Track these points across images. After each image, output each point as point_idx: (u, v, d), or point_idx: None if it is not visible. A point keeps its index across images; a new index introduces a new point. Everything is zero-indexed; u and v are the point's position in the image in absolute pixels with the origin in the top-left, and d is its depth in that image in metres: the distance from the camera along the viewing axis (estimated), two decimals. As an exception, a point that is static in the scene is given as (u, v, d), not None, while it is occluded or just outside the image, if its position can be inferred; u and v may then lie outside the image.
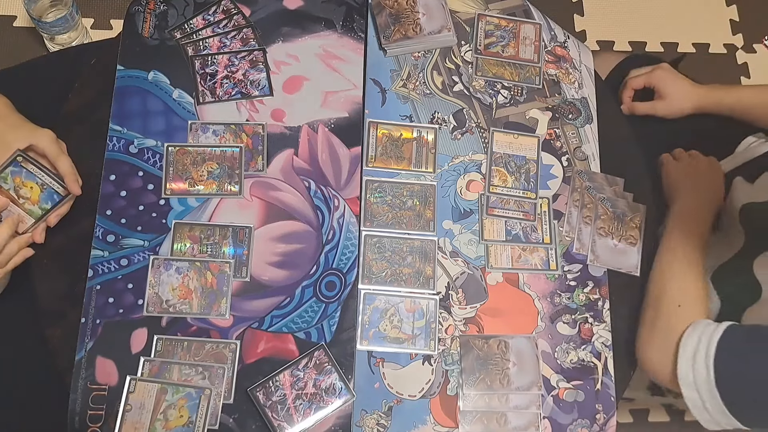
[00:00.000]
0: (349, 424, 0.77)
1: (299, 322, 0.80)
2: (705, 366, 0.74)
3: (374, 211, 0.86)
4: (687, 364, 0.75)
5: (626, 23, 1.81)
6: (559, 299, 0.86)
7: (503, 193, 0.89)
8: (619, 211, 0.90)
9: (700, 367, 0.74)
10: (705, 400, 0.74)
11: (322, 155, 0.87)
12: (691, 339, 0.76)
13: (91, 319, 0.78)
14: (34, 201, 0.79)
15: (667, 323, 0.81)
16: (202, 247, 0.81)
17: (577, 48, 0.99)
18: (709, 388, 0.73)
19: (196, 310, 0.79)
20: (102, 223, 0.82)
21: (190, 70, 0.89)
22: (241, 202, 0.84)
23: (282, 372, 0.77)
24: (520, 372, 0.82)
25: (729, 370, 0.73)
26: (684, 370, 0.75)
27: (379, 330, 0.81)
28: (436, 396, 0.80)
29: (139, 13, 0.92)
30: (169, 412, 0.74)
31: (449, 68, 0.94)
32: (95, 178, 0.84)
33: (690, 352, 0.75)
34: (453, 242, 0.86)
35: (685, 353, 0.76)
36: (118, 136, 0.85)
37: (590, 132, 0.94)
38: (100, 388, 0.76)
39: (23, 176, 0.79)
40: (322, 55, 0.92)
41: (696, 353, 0.75)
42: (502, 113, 0.93)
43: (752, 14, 1.85)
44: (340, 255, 0.83)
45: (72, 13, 1.43)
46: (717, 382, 0.73)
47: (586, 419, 0.82)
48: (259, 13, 0.93)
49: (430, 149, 0.90)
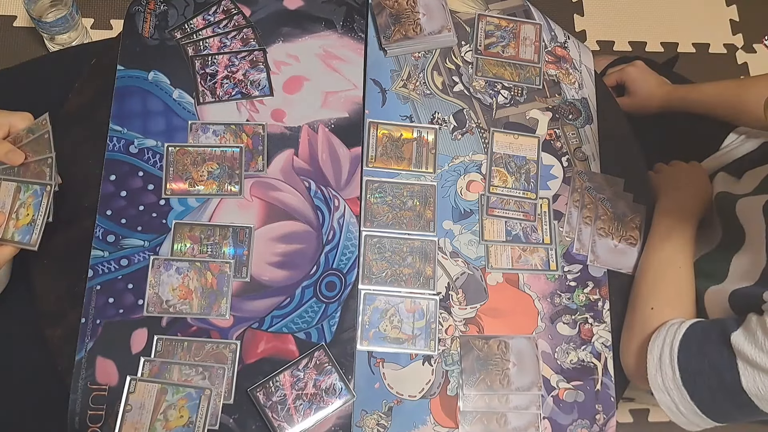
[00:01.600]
0: (349, 424, 0.77)
1: (299, 322, 0.80)
2: (671, 367, 0.74)
3: (374, 212, 0.86)
4: (655, 367, 0.76)
5: (626, 23, 1.81)
6: (559, 299, 0.86)
7: (503, 194, 0.89)
8: (619, 212, 0.90)
9: (667, 368, 0.74)
10: (677, 402, 0.74)
11: (323, 155, 0.87)
12: (657, 342, 0.76)
13: (91, 320, 0.78)
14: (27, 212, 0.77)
15: (641, 327, 0.81)
16: (202, 248, 0.81)
17: (577, 48, 0.99)
18: (677, 389, 0.74)
19: (197, 311, 0.79)
20: (102, 223, 0.82)
21: (191, 70, 0.89)
22: (242, 203, 0.84)
23: (282, 372, 0.78)
24: (520, 372, 0.82)
25: (691, 369, 0.73)
26: (653, 374, 0.76)
27: (379, 330, 0.81)
28: (436, 396, 0.80)
29: (139, 13, 0.92)
30: (169, 412, 0.74)
31: (449, 68, 0.94)
32: (95, 178, 0.84)
33: (656, 355, 0.76)
34: (453, 242, 0.86)
35: (653, 357, 0.76)
36: (118, 137, 0.85)
37: (590, 132, 0.94)
38: (100, 388, 0.76)
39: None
40: (322, 56, 0.92)
41: (662, 355, 0.75)
42: (503, 113, 0.93)
43: (752, 14, 1.86)
44: (340, 255, 0.83)
45: (72, 13, 1.43)
46: (683, 382, 0.73)
47: (586, 419, 0.82)
48: (259, 13, 0.93)
49: (430, 149, 0.90)
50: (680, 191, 0.92)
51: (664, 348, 0.75)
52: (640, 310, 0.83)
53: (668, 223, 0.87)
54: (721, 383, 0.71)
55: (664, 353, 0.75)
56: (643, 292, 0.84)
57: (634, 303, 0.84)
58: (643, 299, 0.83)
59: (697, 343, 0.74)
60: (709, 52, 1.81)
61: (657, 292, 0.83)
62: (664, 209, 0.90)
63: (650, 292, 0.83)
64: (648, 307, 0.82)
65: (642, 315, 0.82)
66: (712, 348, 0.72)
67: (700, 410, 0.73)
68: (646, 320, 0.81)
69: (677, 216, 0.88)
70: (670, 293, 0.82)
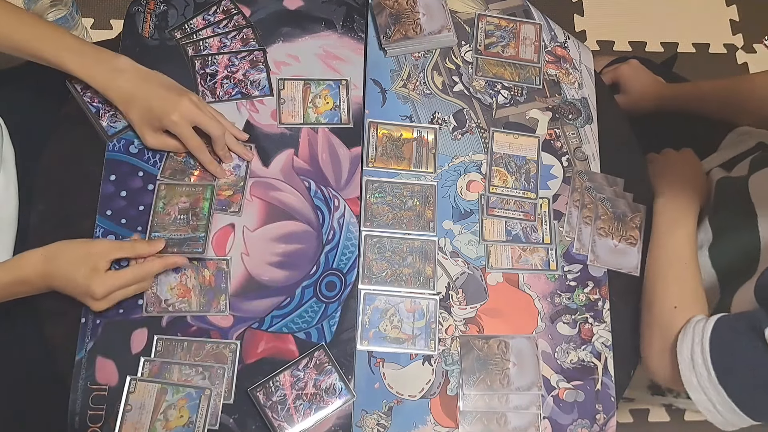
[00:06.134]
0: (349, 424, 0.77)
1: (299, 322, 0.80)
2: (704, 367, 0.73)
3: (374, 212, 0.86)
4: (687, 368, 0.75)
5: (626, 23, 1.81)
6: (559, 299, 0.86)
7: (503, 194, 0.89)
8: (619, 212, 0.90)
9: (700, 368, 0.74)
10: (714, 401, 0.74)
11: (323, 155, 0.87)
12: (685, 342, 0.76)
13: (91, 319, 0.78)
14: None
15: (664, 327, 0.80)
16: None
17: (577, 48, 0.99)
18: (713, 388, 0.73)
19: (196, 308, 0.79)
20: (102, 223, 0.82)
21: (191, 71, 0.89)
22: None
23: (282, 372, 0.78)
24: (520, 372, 0.82)
25: (725, 366, 0.72)
26: (687, 375, 0.75)
27: (379, 330, 0.81)
28: (436, 396, 0.80)
29: (139, 13, 0.92)
30: (169, 412, 0.74)
31: (449, 68, 0.94)
32: (95, 178, 0.84)
33: (687, 356, 0.75)
34: (453, 242, 0.86)
35: (683, 358, 0.75)
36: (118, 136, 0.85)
37: (590, 132, 0.94)
38: (100, 388, 0.76)
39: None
40: (322, 56, 0.92)
41: (693, 355, 0.74)
42: (502, 113, 0.93)
43: (752, 14, 1.86)
44: (340, 255, 0.83)
45: (72, 13, 1.43)
46: (719, 380, 0.72)
47: (586, 419, 0.82)
48: (259, 13, 0.93)
49: (430, 149, 0.90)
50: (676, 182, 0.91)
51: (694, 347, 0.74)
52: (659, 309, 0.81)
53: (671, 217, 0.87)
54: (758, 379, 0.70)
55: (695, 353, 0.74)
56: (659, 290, 0.83)
57: (651, 302, 0.83)
58: (661, 298, 0.82)
59: (728, 340, 0.73)
60: (709, 52, 1.81)
61: (674, 290, 0.82)
62: (664, 203, 0.89)
63: (666, 290, 0.82)
64: (670, 305, 0.80)
65: (663, 314, 0.81)
66: (745, 344, 0.71)
67: (739, 408, 0.72)
68: (669, 319, 0.80)
69: (677, 208, 0.87)
70: (687, 290, 0.81)
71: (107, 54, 0.80)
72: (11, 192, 0.89)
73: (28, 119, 0.93)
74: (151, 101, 0.79)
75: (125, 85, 0.79)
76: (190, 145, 0.81)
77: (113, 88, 0.80)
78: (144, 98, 0.79)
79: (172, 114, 0.79)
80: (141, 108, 0.80)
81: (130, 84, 0.80)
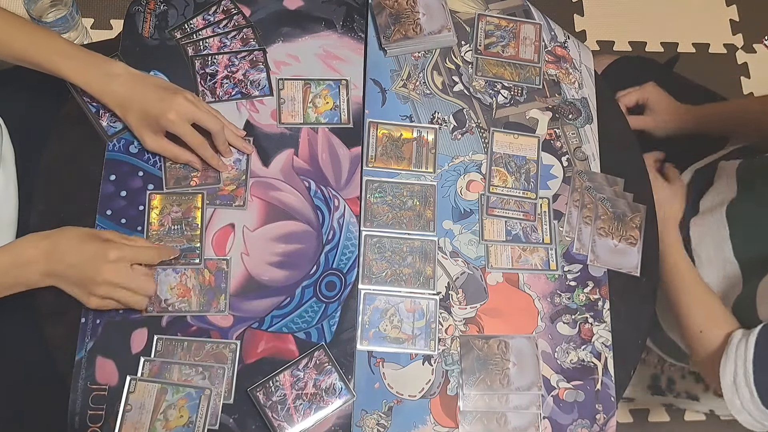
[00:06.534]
0: (349, 424, 0.77)
1: (299, 322, 0.80)
2: (747, 389, 0.76)
3: (374, 211, 0.86)
4: (730, 391, 0.77)
5: (626, 23, 1.81)
6: (559, 299, 0.86)
7: (503, 194, 0.89)
8: (619, 211, 0.90)
9: (743, 391, 0.76)
10: (761, 421, 0.76)
11: (323, 155, 0.87)
12: (728, 367, 0.78)
13: (91, 319, 0.78)
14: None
15: (703, 351, 0.85)
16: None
17: (577, 48, 0.99)
18: (757, 408, 0.75)
19: (195, 308, 0.79)
20: (102, 223, 0.82)
21: (190, 70, 0.89)
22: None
23: (282, 372, 0.77)
24: (520, 372, 0.82)
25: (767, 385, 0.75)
26: (729, 398, 0.77)
27: (379, 330, 0.81)
28: (436, 396, 0.80)
29: (139, 13, 0.92)
30: (169, 412, 0.74)
31: (449, 68, 0.94)
32: (95, 178, 0.84)
33: (729, 379, 0.77)
34: (453, 242, 0.86)
35: (726, 382, 0.78)
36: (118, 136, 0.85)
37: (590, 132, 0.94)
38: (100, 388, 0.76)
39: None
40: (322, 56, 0.92)
41: (736, 378, 0.77)
42: (502, 113, 0.93)
43: (752, 14, 1.86)
44: (340, 255, 0.83)
45: (72, 13, 1.44)
46: (762, 401, 0.74)
47: (586, 419, 0.82)
48: (259, 13, 0.93)
49: (430, 149, 0.90)
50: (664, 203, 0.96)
51: (737, 371, 0.77)
52: (690, 333, 0.87)
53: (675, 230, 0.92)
54: None
55: (738, 375, 0.77)
56: (688, 316, 0.88)
57: (684, 327, 0.88)
58: (689, 323, 0.87)
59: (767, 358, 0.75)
60: (709, 52, 1.81)
61: (699, 313, 0.87)
62: (666, 217, 0.94)
63: (694, 316, 0.87)
64: (697, 330, 0.86)
65: (693, 338, 0.86)
66: None
67: None
68: (699, 343, 0.85)
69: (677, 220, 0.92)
70: (714, 311, 0.86)
71: (100, 59, 0.81)
72: (11, 192, 0.89)
73: (28, 119, 0.93)
74: (146, 103, 0.79)
75: (120, 89, 0.80)
76: (190, 141, 0.81)
77: (108, 93, 0.80)
78: (139, 101, 0.79)
79: (169, 113, 0.79)
80: (137, 111, 0.80)
81: (124, 88, 0.80)
